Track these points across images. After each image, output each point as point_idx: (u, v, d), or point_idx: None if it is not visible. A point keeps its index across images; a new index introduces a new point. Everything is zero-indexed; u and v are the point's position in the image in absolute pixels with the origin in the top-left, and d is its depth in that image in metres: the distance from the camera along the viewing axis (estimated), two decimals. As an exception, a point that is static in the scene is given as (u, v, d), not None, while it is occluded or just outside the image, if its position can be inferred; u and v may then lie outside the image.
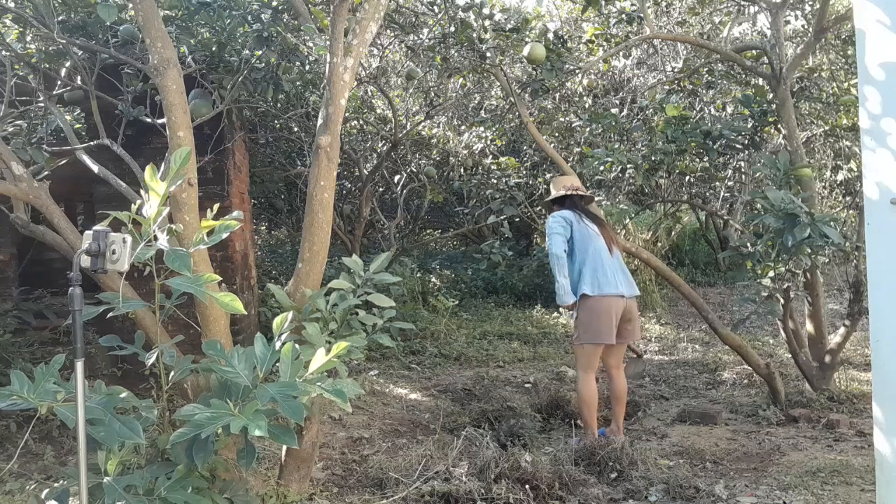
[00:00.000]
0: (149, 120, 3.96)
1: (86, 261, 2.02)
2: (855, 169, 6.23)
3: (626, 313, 4.01)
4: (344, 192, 8.81)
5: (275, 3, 4.38)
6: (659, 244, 9.33)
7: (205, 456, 2.03)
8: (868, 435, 3.88)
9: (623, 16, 5.13)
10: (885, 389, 2.53)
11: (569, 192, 4.19)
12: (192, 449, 2.04)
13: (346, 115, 6.36)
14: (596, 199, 5.36)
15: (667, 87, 6.52)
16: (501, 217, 6.64)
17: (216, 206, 2.37)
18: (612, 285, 3.94)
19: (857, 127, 2.99)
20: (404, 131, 7.53)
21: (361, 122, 8.05)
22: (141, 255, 2.11)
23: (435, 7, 5.21)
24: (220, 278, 2.35)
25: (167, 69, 2.77)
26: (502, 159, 7.39)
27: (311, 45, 4.46)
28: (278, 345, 2.27)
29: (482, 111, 8.55)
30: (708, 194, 7.10)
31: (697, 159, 5.43)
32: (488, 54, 4.88)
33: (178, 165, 2.24)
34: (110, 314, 2.29)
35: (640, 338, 4.26)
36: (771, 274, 4.13)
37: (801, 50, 4.94)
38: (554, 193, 4.25)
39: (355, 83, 5.62)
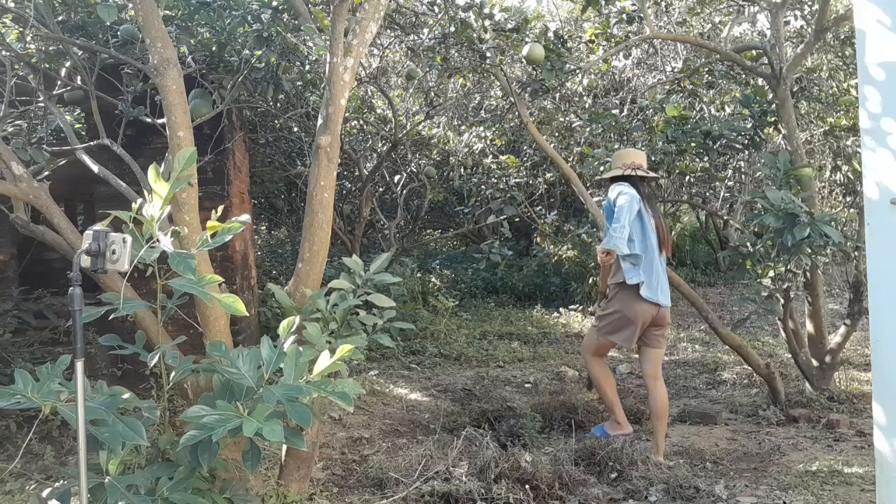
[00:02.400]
0: (149, 120, 3.96)
1: (86, 261, 2.02)
2: (858, 168, 6.23)
3: (659, 320, 3.73)
4: (344, 192, 8.81)
5: (275, 3, 4.37)
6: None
7: (210, 457, 2.03)
8: (868, 435, 3.89)
9: (623, 16, 5.13)
10: (885, 389, 2.53)
11: (628, 172, 3.71)
12: (198, 450, 2.04)
13: (346, 115, 6.36)
14: (595, 199, 5.36)
15: (667, 87, 6.52)
16: (501, 217, 6.64)
17: (220, 208, 2.37)
18: (655, 290, 3.66)
19: (857, 127, 2.99)
20: (404, 131, 7.53)
21: (361, 122, 8.06)
22: (146, 256, 2.11)
23: (435, 7, 5.21)
24: (222, 279, 2.35)
25: (167, 69, 2.77)
26: (503, 157, 7.39)
27: (311, 45, 4.46)
28: (285, 347, 2.27)
29: (482, 111, 8.55)
30: (708, 194, 7.11)
31: (697, 159, 5.43)
32: (488, 54, 4.88)
33: (181, 167, 2.24)
34: (111, 315, 2.29)
35: (665, 346, 4.00)
36: (771, 274, 4.13)
37: (801, 50, 4.94)
38: (611, 171, 3.79)
39: (355, 83, 5.62)
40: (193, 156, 2.31)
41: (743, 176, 7.07)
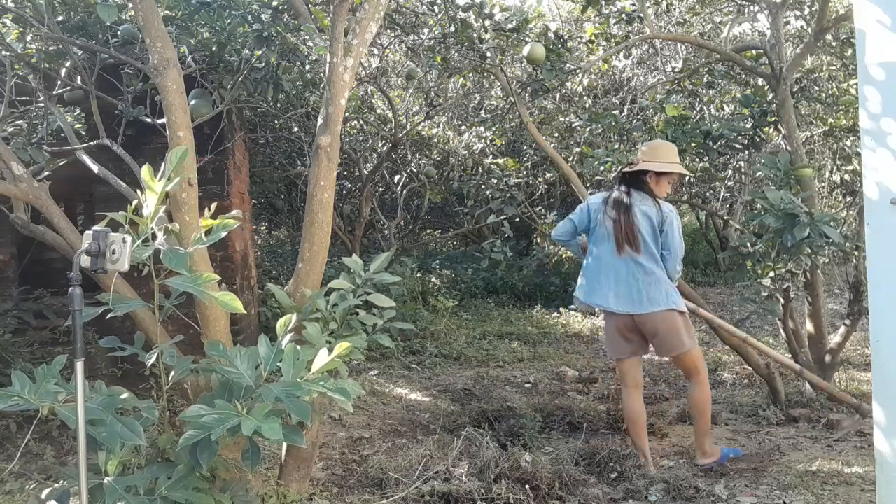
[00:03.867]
0: (149, 120, 3.96)
1: (86, 261, 2.02)
2: (857, 168, 6.23)
3: (641, 328, 3.55)
4: (344, 192, 8.81)
5: (275, 3, 4.38)
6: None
7: (209, 456, 2.03)
8: (868, 435, 3.88)
9: (623, 16, 5.13)
10: (885, 389, 2.53)
11: (622, 171, 3.72)
12: (197, 449, 2.04)
13: (346, 115, 6.36)
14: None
15: (667, 87, 6.53)
16: (501, 217, 6.64)
17: (214, 205, 2.37)
18: (599, 296, 3.57)
19: (857, 127, 2.99)
20: (404, 131, 7.53)
21: (361, 122, 8.06)
22: (138, 255, 2.11)
23: (435, 7, 5.21)
24: (219, 278, 2.35)
25: (167, 69, 2.77)
26: (501, 160, 7.39)
27: (311, 45, 4.46)
28: (282, 345, 2.27)
29: (482, 111, 8.56)
30: (708, 194, 7.11)
31: (697, 159, 5.43)
32: (488, 54, 4.88)
33: (174, 164, 2.24)
34: (110, 315, 2.29)
35: (675, 353, 3.58)
36: (771, 274, 4.13)
37: (801, 50, 4.94)
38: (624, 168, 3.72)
39: (355, 83, 5.62)
40: (186, 153, 2.31)
41: (743, 176, 7.07)
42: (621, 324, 3.60)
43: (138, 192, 2.30)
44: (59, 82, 4.31)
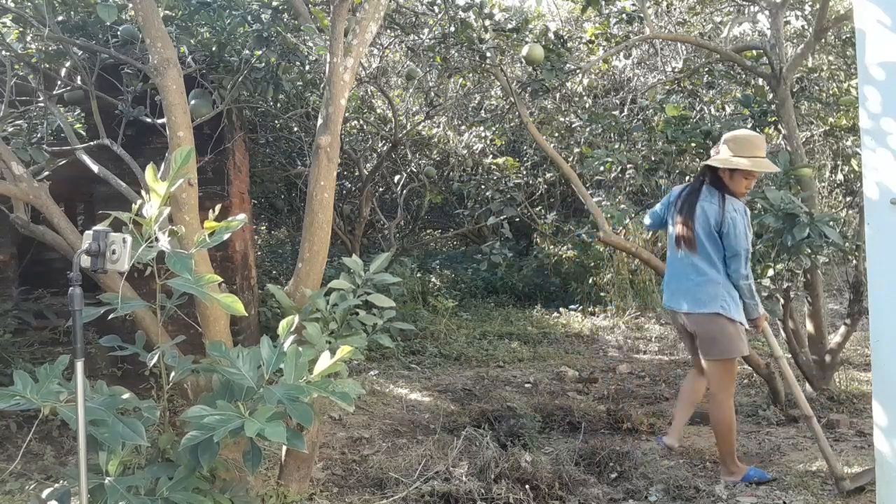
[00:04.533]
0: (149, 120, 3.96)
1: (86, 261, 2.02)
2: (857, 168, 6.24)
3: (689, 327, 3.47)
4: (344, 192, 8.82)
5: (275, 3, 4.38)
6: (659, 244, 9.33)
7: (210, 457, 2.03)
8: (868, 435, 3.88)
9: (623, 16, 5.14)
10: (885, 389, 2.54)
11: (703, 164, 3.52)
12: (198, 450, 2.04)
13: (346, 115, 6.36)
14: (595, 199, 5.35)
15: (667, 87, 6.53)
16: (501, 217, 6.64)
17: (218, 207, 2.37)
18: (666, 293, 3.59)
19: (857, 127, 2.99)
20: (404, 131, 7.53)
21: (361, 122, 8.06)
22: (143, 256, 2.11)
23: (435, 7, 5.21)
24: (221, 279, 2.35)
25: (167, 69, 2.77)
26: (501, 160, 7.39)
27: (311, 45, 4.46)
28: (284, 347, 2.27)
29: (482, 111, 8.56)
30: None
31: (697, 159, 5.44)
32: (488, 54, 4.88)
33: (178, 165, 2.24)
34: (111, 315, 2.29)
35: (713, 357, 3.42)
36: (771, 274, 4.13)
37: (801, 50, 4.95)
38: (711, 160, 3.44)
39: (355, 83, 5.62)
40: (190, 154, 2.31)
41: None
42: (677, 320, 3.57)
43: (141, 192, 2.30)
44: (59, 82, 4.31)
